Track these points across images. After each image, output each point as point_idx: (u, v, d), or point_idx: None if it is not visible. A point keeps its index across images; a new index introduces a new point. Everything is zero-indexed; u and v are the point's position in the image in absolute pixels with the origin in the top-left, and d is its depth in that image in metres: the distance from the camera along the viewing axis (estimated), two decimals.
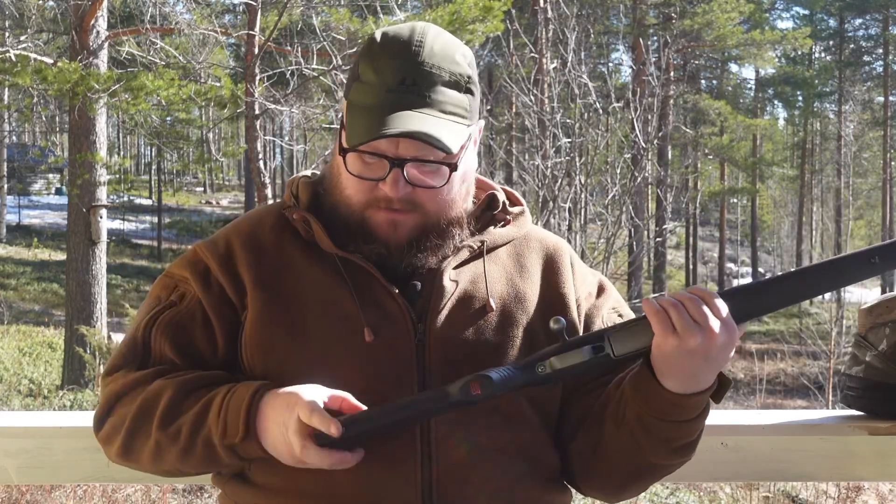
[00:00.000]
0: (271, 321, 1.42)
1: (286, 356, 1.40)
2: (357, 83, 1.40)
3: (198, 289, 1.46)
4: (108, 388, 1.44)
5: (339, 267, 1.42)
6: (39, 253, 28.56)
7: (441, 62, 1.39)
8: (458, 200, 1.45)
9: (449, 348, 1.41)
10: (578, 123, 12.20)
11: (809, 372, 18.77)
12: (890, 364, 1.69)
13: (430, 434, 1.38)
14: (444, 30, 1.46)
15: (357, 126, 1.36)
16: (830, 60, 37.16)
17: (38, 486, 6.88)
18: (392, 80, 1.36)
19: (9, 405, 12.67)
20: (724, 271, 34.39)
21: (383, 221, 1.40)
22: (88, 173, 13.57)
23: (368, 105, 1.37)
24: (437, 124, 1.34)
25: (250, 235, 1.48)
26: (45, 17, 18.12)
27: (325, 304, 1.42)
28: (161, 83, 12.73)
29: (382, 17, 13.04)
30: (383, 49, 1.39)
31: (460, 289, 1.45)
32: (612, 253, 11.64)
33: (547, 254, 1.55)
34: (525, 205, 1.59)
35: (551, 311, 1.47)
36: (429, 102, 1.36)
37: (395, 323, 1.41)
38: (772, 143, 40.22)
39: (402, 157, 1.36)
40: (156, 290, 1.51)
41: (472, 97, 1.42)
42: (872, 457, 1.71)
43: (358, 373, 1.38)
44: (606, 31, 28.54)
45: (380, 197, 1.39)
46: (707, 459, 1.70)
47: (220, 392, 1.36)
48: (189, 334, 1.45)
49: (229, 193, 45.82)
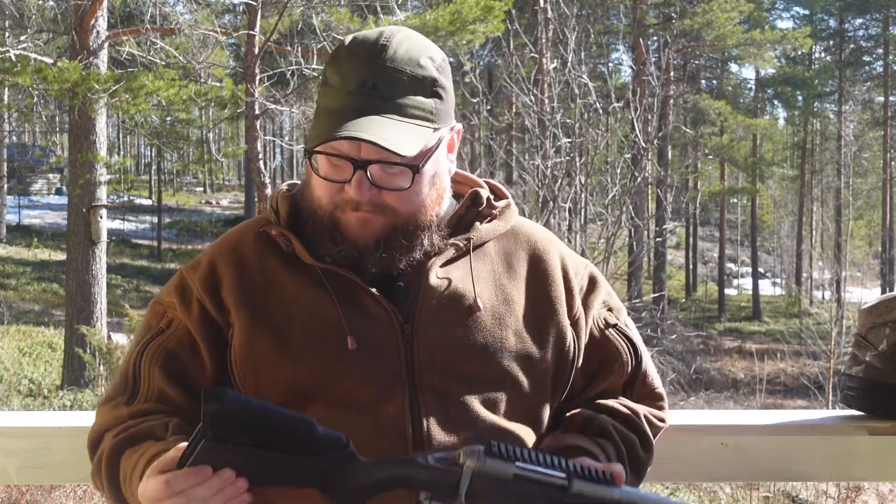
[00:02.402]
0: (257, 338, 1.42)
1: (276, 373, 1.41)
2: (324, 87, 1.42)
3: (182, 313, 1.47)
4: (98, 420, 1.47)
5: (322, 278, 1.43)
6: (39, 253, 28.56)
7: (404, 65, 1.38)
8: (427, 203, 1.44)
9: (436, 348, 1.41)
10: (578, 123, 12.20)
11: (809, 372, 18.77)
12: (890, 364, 1.69)
13: (422, 436, 1.38)
14: (418, 34, 1.45)
15: (315, 128, 1.38)
16: (830, 60, 37.13)
17: (38, 486, 6.88)
18: (353, 84, 1.37)
19: (9, 405, 12.68)
20: (724, 271, 34.37)
21: (352, 221, 1.40)
22: (89, 173, 13.58)
23: (329, 108, 1.38)
24: (393, 127, 1.34)
25: (232, 253, 1.49)
26: (45, 17, 18.10)
27: (310, 317, 1.42)
28: (161, 83, 12.74)
29: (383, 17, 13.04)
30: (348, 53, 1.40)
31: (446, 287, 1.44)
32: (612, 253, 11.65)
33: (535, 253, 1.54)
34: (510, 197, 1.58)
35: (538, 316, 1.48)
36: (390, 106, 1.36)
37: (381, 326, 1.41)
38: (772, 143, 40.19)
39: (364, 159, 1.36)
40: (147, 317, 1.53)
41: (439, 101, 1.41)
42: (872, 457, 1.71)
43: (346, 381, 1.39)
44: (606, 31, 28.53)
45: (347, 199, 1.39)
46: (707, 459, 1.71)
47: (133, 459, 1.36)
48: (178, 360, 1.46)
49: (229, 193, 45.81)
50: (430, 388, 1.39)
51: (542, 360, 1.47)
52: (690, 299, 34.69)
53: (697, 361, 22.85)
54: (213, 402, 1.17)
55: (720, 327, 30.51)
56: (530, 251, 1.54)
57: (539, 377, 1.47)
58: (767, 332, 29.26)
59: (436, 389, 1.40)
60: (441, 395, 1.40)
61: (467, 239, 1.48)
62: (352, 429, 1.35)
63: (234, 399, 1.19)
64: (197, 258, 1.54)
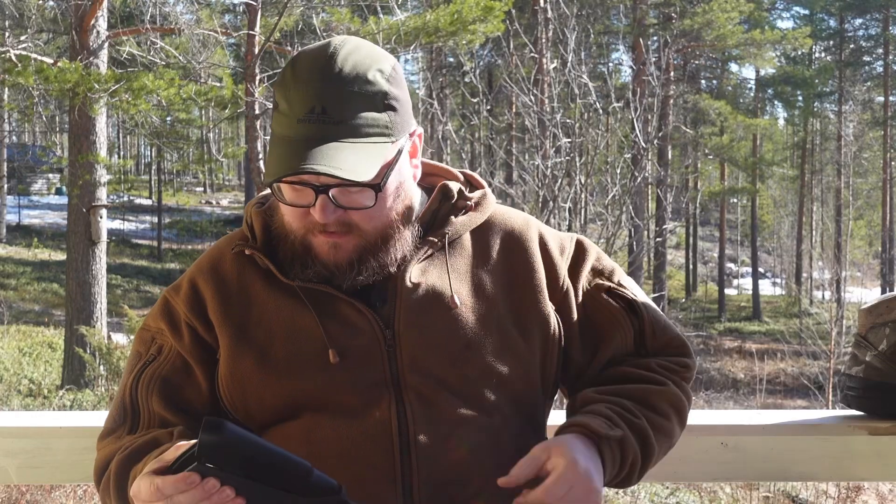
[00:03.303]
0: (241, 355, 1.42)
1: (262, 390, 1.41)
2: (275, 112, 1.39)
3: (172, 338, 1.47)
4: (100, 453, 1.46)
5: (299, 293, 1.42)
6: (39, 253, 28.56)
7: (352, 84, 1.34)
8: (393, 216, 1.42)
9: (417, 350, 1.40)
10: (578, 123, 12.20)
11: (809, 372, 18.76)
12: (890, 364, 1.69)
13: (409, 440, 1.37)
14: (364, 43, 1.42)
15: (271, 158, 1.35)
16: (830, 60, 37.12)
17: (38, 486, 6.88)
18: (301, 110, 1.33)
19: (9, 405, 12.68)
20: (724, 271, 34.37)
21: (323, 244, 1.39)
22: (89, 173, 13.59)
23: (282, 136, 1.35)
24: (347, 152, 1.31)
25: (212, 271, 1.49)
26: (45, 17, 18.12)
27: (291, 332, 1.42)
28: (161, 83, 12.74)
29: (383, 18, 13.05)
30: (294, 76, 1.36)
31: (423, 288, 1.43)
32: (612, 253, 11.64)
33: (511, 239, 1.51)
34: (486, 186, 1.56)
35: (520, 305, 1.46)
36: (341, 129, 1.32)
37: (363, 335, 1.40)
38: (772, 143, 40.22)
39: (325, 184, 1.34)
40: (136, 345, 1.52)
41: (393, 112, 1.38)
42: (872, 457, 1.71)
43: (332, 393, 1.39)
44: (606, 31, 28.54)
45: (314, 222, 1.38)
46: (707, 459, 1.71)
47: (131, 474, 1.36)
48: (174, 385, 1.45)
49: (229, 193, 45.80)
50: (415, 392, 1.39)
51: (528, 350, 1.45)
52: (690, 299, 34.70)
53: (697, 361, 22.81)
54: (212, 434, 1.17)
55: (720, 327, 30.51)
56: (506, 238, 1.51)
57: (527, 368, 1.45)
58: (767, 332, 29.26)
59: (421, 392, 1.39)
60: (426, 397, 1.39)
61: (442, 234, 1.47)
62: (340, 436, 1.37)
63: (233, 433, 1.18)
64: (177, 280, 1.53)
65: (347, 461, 1.35)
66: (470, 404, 1.41)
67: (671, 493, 8.45)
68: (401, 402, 1.38)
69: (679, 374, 1.52)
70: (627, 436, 1.40)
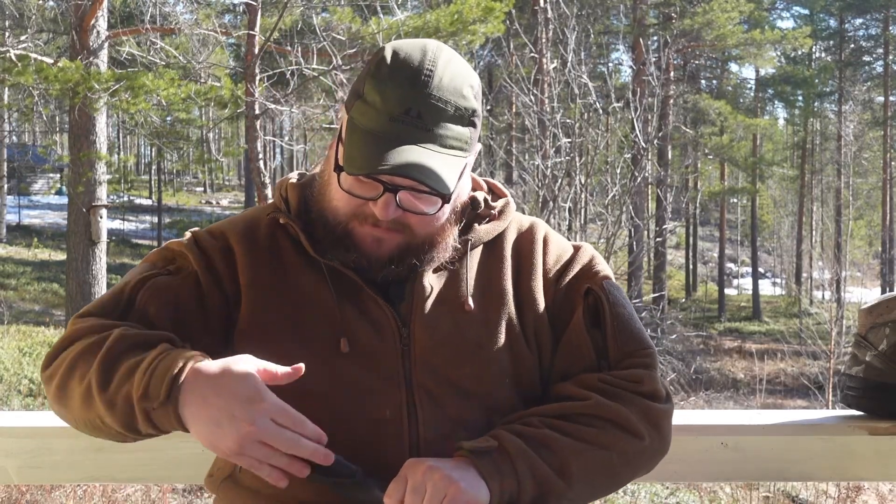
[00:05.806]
0: (266, 315, 1.42)
1: (280, 348, 1.38)
2: (361, 102, 1.38)
3: (198, 267, 1.45)
4: (74, 327, 1.40)
5: (324, 271, 1.43)
6: (39, 253, 28.55)
7: (449, 95, 1.36)
8: (446, 225, 1.44)
9: (431, 351, 1.41)
10: (578, 123, 12.21)
11: (809, 372, 18.76)
12: (890, 364, 1.69)
13: (418, 439, 1.38)
14: (457, 56, 1.43)
15: (356, 151, 1.35)
16: (830, 60, 37.12)
17: (38, 486, 6.88)
18: (396, 109, 1.34)
19: (9, 405, 12.68)
20: (724, 271, 34.39)
21: (367, 236, 1.40)
22: (89, 173, 13.59)
23: (370, 130, 1.35)
24: (436, 161, 1.33)
25: (246, 232, 1.49)
26: (45, 17, 18.13)
27: (310, 310, 1.42)
28: (161, 83, 12.74)
29: (383, 18, 13.05)
30: (392, 74, 1.36)
31: (439, 290, 1.45)
32: (612, 253, 11.65)
33: (519, 242, 1.54)
34: (508, 195, 1.59)
35: (526, 310, 1.48)
36: (431, 136, 1.34)
37: (380, 330, 1.41)
38: (772, 143, 40.22)
39: (397, 184, 1.35)
40: (152, 257, 1.50)
41: (473, 129, 1.41)
42: (872, 457, 1.71)
43: (343, 385, 1.39)
44: (606, 31, 28.54)
45: (367, 213, 1.39)
46: (707, 459, 1.71)
47: (153, 351, 1.30)
48: (177, 303, 1.43)
49: (229, 193, 45.81)
50: (425, 391, 1.40)
51: (532, 352, 1.48)
52: (690, 299, 34.70)
53: (697, 361, 22.86)
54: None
55: (720, 327, 30.52)
56: (517, 245, 1.54)
57: (531, 369, 1.47)
58: (767, 332, 29.26)
59: (431, 392, 1.40)
60: (435, 396, 1.40)
61: (465, 241, 1.49)
62: (350, 433, 1.36)
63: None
64: (210, 228, 1.51)
65: (355, 456, 1.34)
66: (477, 405, 1.42)
67: (671, 492, 8.46)
68: (411, 400, 1.39)
69: (624, 387, 1.44)
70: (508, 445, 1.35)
